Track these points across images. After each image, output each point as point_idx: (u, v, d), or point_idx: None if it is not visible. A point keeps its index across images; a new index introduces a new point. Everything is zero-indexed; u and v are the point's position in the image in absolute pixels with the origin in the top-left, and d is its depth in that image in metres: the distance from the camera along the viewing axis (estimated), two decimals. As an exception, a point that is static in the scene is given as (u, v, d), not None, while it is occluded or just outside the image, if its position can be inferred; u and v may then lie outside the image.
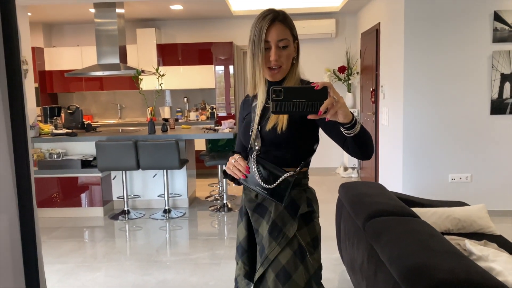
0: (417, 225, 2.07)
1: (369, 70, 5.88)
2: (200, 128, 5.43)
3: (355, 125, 1.29)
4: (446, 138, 4.38)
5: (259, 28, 1.46)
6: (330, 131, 1.44)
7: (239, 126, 1.72)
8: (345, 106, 1.22)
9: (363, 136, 1.35)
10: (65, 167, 4.76)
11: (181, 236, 4.37)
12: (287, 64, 1.51)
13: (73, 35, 7.19)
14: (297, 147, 1.53)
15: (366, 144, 1.38)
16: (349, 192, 2.80)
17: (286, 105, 1.19)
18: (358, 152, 1.41)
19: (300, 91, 1.20)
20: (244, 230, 1.64)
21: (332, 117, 1.21)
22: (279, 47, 1.47)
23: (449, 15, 4.24)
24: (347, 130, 1.30)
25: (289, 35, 1.50)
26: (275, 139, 1.51)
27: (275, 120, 1.50)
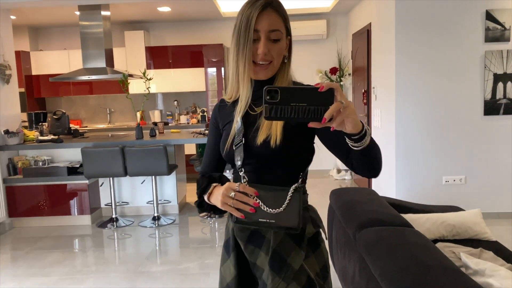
0: (410, 236, 1.98)
1: (360, 71, 5.80)
2: (190, 132, 5.33)
3: (364, 136, 1.05)
4: (439, 139, 4.30)
5: (248, 14, 1.20)
6: (331, 142, 1.22)
7: (211, 138, 1.43)
8: (354, 113, 0.99)
9: (373, 150, 1.12)
10: (50, 175, 4.64)
11: (170, 244, 4.26)
12: (277, 61, 1.25)
13: (60, 39, 7.05)
14: (294, 163, 1.28)
15: (376, 159, 1.15)
16: (340, 199, 2.70)
17: (282, 110, 0.96)
18: (365, 168, 1.17)
19: (301, 93, 0.97)
20: (233, 269, 1.34)
21: (339, 126, 0.98)
22: (270, 39, 1.22)
23: (440, 14, 4.17)
24: (354, 143, 1.07)
25: (282, 27, 1.25)
26: (267, 155, 1.23)
27: (267, 131, 1.23)
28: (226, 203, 1.18)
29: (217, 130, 1.40)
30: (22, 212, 4.73)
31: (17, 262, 3.81)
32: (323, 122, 0.96)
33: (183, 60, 6.75)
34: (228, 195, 1.18)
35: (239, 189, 1.17)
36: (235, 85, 1.31)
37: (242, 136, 1.27)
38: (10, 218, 4.72)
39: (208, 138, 1.46)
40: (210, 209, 1.32)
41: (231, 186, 1.19)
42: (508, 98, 4.20)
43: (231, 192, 1.18)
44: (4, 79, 4.66)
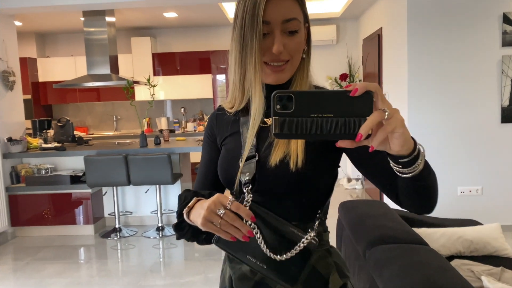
0: (425, 255, 1.82)
1: (371, 77, 5.65)
2: (196, 140, 5.21)
3: (417, 158, 0.76)
4: (454, 148, 4.12)
5: (254, 1, 0.89)
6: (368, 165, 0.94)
7: (205, 155, 1.13)
8: (403, 126, 0.70)
9: (428, 178, 0.82)
10: (53, 183, 4.55)
11: (174, 256, 4.14)
12: (295, 59, 0.95)
13: (67, 45, 7.02)
14: (315, 190, 0.97)
15: (431, 190, 0.85)
16: (349, 212, 2.55)
17: (299, 124, 0.69)
18: (416, 202, 0.88)
19: (325, 99, 0.69)
20: None
21: (381, 144, 0.70)
22: (285, 32, 0.92)
23: (454, 18, 4.00)
24: (402, 168, 0.77)
25: (300, 13, 0.94)
26: (283, 180, 0.93)
27: (285, 149, 0.93)
28: (210, 220, 0.84)
29: (214, 144, 1.10)
30: (25, 221, 4.65)
31: (17, 273, 3.72)
32: (358, 140, 0.67)
33: (190, 67, 6.66)
34: (215, 212, 0.84)
35: (230, 206, 0.85)
36: (238, 94, 1.00)
37: (255, 151, 0.97)
38: (12, 227, 4.64)
39: (202, 154, 1.14)
40: (192, 234, 0.99)
41: (221, 200, 0.85)
42: (527, 105, 4.01)
43: (220, 209, 0.84)
44: (8, 86, 4.60)
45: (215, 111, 1.12)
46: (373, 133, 0.68)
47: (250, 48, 0.91)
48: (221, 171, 1.04)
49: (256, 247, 0.89)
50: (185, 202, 0.96)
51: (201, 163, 1.14)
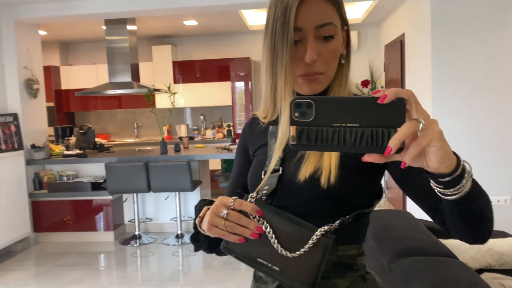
0: (454, 269, 1.74)
1: (394, 84, 5.55)
2: (215, 147, 5.20)
3: (462, 178, 0.66)
4: (481, 156, 3.99)
5: (284, 5, 0.81)
6: (410, 184, 0.85)
7: (236, 166, 1.08)
8: (442, 139, 0.62)
9: (476, 201, 0.72)
10: (75, 190, 4.59)
11: (193, 264, 4.11)
12: (330, 68, 0.87)
13: (89, 53, 7.15)
14: (346, 210, 0.85)
15: (481, 214, 0.75)
16: (373, 223, 2.46)
17: (319, 134, 0.61)
18: (464, 227, 0.76)
19: (350, 106, 0.61)
20: None
21: (415, 160, 0.62)
22: (319, 39, 0.84)
23: (481, 21, 3.89)
24: (444, 188, 0.67)
25: (336, 17, 0.85)
26: (314, 197, 0.85)
27: (316, 163, 0.86)
28: (214, 225, 0.79)
29: (246, 155, 1.04)
30: (47, 227, 4.70)
31: (39, 279, 3.75)
32: (387, 154, 0.58)
33: (210, 74, 6.67)
34: (218, 214, 0.78)
35: (233, 205, 0.78)
36: (270, 105, 0.92)
37: (279, 165, 0.89)
38: (35, 233, 4.70)
39: (234, 164, 1.10)
40: (208, 245, 0.94)
41: (223, 201, 0.79)
42: (558, 112, 3.86)
43: (223, 210, 0.78)
44: (32, 93, 4.69)
45: (249, 121, 1.07)
46: (406, 147, 0.60)
47: (280, 58, 0.83)
48: (248, 184, 0.98)
49: (266, 247, 0.80)
50: (199, 212, 0.91)
51: (231, 175, 1.09)
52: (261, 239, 0.79)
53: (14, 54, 4.48)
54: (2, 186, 4.16)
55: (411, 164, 0.61)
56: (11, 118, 4.45)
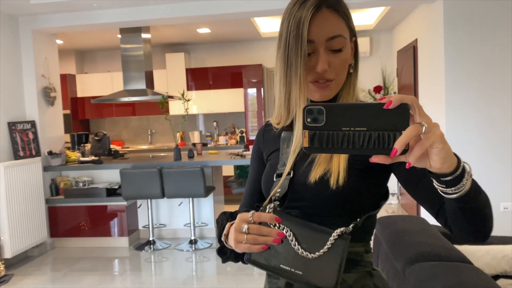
0: (469, 274, 1.73)
1: (407, 89, 5.53)
2: (228, 154, 5.23)
3: (462, 178, 0.71)
4: (497, 162, 3.95)
5: (297, 20, 0.88)
6: (415, 185, 0.89)
7: (252, 171, 1.13)
8: (443, 141, 0.66)
9: (476, 199, 0.76)
10: (90, 196, 4.66)
11: (207, 269, 4.13)
12: (340, 76, 0.94)
13: (104, 62, 7.27)
14: (354, 211, 0.91)
15: (481, 212, 0.79)
16: (387, 228, 2.47)
17: (330, 138, 0.66)
18: (465, 226, 0.81)
19: (357, 112, 0.66)
20: None
21: (419, 161, 0.67)
22: (330, 51, 0.91)
23: (493, 29, 3.88)
24: (446, 187, 0.72)
25: (345, 30, 0.92)
26: (323, 198, 0.91)
27: (326, 165, 0.91)
28: (239, 241, 0.84)
29: (261, 160, 1.10)
30: (63, 233, 4.77)
31: (55, 284, 3.81)
32: (393, 155, 0.64)
33: (222, 81, 6.73)
34: (240, 231, 0.84)
35: (253, 219, 0.84)
36: (284, 112, 0.97)
37: (291, 169, 0.95)
38: (51, 238, 4.77)
39: (250, 170, 1.16)
40: (235, 256, 0.98)
41: (242, 217, 0.85)
42: None
43: (244, 226, 0.84)
44: (49, 101, 4.79)
45: (262, 127, 1.13)
46: (410, 148, 0.65)
47: (295, 68, 0.89)
48: (262, 187, 1.04)
49: (287, 253, 0.84)
50: (222, 226, 0.97)
51: (248, 178, 1.15)
52: (282, 246, 0.84)
53: (32, 63, 4.59)
54: (20, 192, 4.24)
55: (415, 164, 0.67)
56: (29, 125, 4.55)
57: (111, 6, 4.27)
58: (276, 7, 4.24)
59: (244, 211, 0.89)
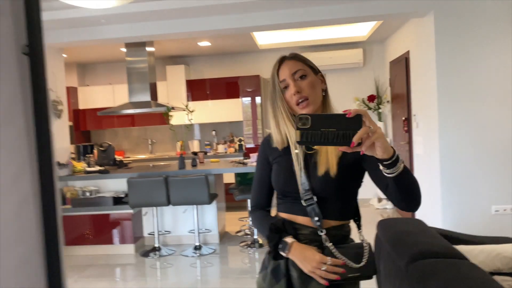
0: (467, 269, 1.92)
1: (400, 99, 5.76)
2: (229, 162, 5.40)
3: (396, 162, 1.11)
4: (487, 166, 4.17)
5: (273, 74, 1.41)
6: (375, 173, 1.30)
7: (260, 171, 1.53)
8: (383, 138, 1.05)
9: (407, 179, 1.17)
10: (97, 204, 4.80)
11: (211, 274, 4.28)
12: (313, 95, 1.37)
13: (106, 74, 7.41)
14: (346, 192, 1.41)
15: (410, 189, 1.20)
16: (388, 230, 2.66)
17: (313, 135, 1.03)
18: (400, 199, 1.23)
19: (330, 119, 1.05)
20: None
21: (368, 150, 1.05)
22: (296, 79, 1.36)
23: (482, 41, 4.12)
24: (387, 169, 1.12)
25: (304, 66, 1.39)
26: (328, 183, 1.35)
27: (326, 165, 1.35)
28: (315, 273, 1.30)
29: (267, 162, 1.50)
30: (71, 241, 4.89)
31: (66, 291, 3.92)
32: (352, 146, 1.02)
33: (220, 92, 6.92)
34: (319, 268, 1.30)
35: (330, 263, 1.30)
36: (278, 137, 1.42)
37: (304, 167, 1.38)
38: (58, 247, 4.88)
39: (257, 171, 1.55)
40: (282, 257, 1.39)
41: (322, 260, 1.30)
42: (558, 124, 4.05)
43: (323, 266, 1.30)
44: (57, 114, 4.93)
45: (266, 137, 1.53)
46: (362, 142, 1.03)
47: (277, 102, 1.39)
48: (274, 181, 1.47)
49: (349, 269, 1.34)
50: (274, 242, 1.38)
51: (256, 177, 1.55)
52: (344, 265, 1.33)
53: (40, 76, 4.73)
54: (30, 202, 4.36)
55: (366, 152, 1.06)
56: (37, 137, 4.68)
57: (118, 21, 4.44)
58: (275, 22, 4.43)
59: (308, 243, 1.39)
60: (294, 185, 1.39)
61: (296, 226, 1.40)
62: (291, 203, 1.43)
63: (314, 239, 1.38)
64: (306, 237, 1.39)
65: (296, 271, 1.38)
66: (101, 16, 4.13)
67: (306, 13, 4.36)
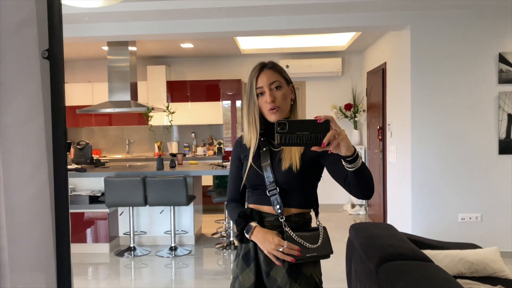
0: (431, 271, 2.04)
1: (375, 108, 5.94)
2: (208, 164, 5.45)
3: (357, 158, 1.32)
4: (455, 177, 4.36)
5: (251, 79, 1.58)
6: (333, 168, 1.49)
7: (234, 169, 1.74)
8: (346, 139, 1.26)
9: (364, 172, 1.38)
10: (73, 203, 4.76)
11: (186, 275, 4.31)
12: (284, 105, 1.57)
13: (85, 72, 7.35)
14: (306, 184, 1.59)
15: (367, 180, 1.41)
16: (360, 233, 2.77)
17: (290, 137, 1.22)
18: (359, 189, 1.42)
19: (304, 124, 1.24)
20: (252, 276, 1.60)
21: (335, 149, 1.25)
22: (272, 89, 1.55)
23: (455, 56, 4.32)
24: (349, 164, 1.32)
25: (280, 78, 1.58)
26: (291, 177, 1.54)
27: (289, 161, 1.54)
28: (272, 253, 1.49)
29: (239, 161, 1.71)
30: (43, 239, 4.82)
31: (38, 288, 3.88)
32: (322, 146, 1.23)
33: (201, 94, 6.96)
34: (276, 249, 1.48)
35: (286, 246, 1.48)
36: (249, 134, 1.62)
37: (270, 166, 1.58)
38: (30, 244, 4.82)
39: (231, 169, 1.76)
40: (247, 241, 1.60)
41: (279, 243, 1.49)
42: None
43: (280, 248, 1.48)
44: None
45: (238, 138, 1.75)
46: (331, 142, 1.23)
47: (252, 104, 1.58)
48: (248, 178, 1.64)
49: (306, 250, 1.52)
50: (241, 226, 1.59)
51: (231, 174, 1.76)
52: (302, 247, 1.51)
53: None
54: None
55: (333, 151, 1.26)
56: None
57: (102, 20, 4.45)
58: (258, 28, 4.53)
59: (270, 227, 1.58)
60: (262, 179, 1.59)
61: (263, 214, 1.60)
62: (259, 195, 1.62)
63: (277, 225, 1.57)
64: (271, 223, 1.58)
65: (262, 254, 1.57)
66: (85, 14, 4.13)
67: (289, 21, 4.48)
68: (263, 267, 1.59)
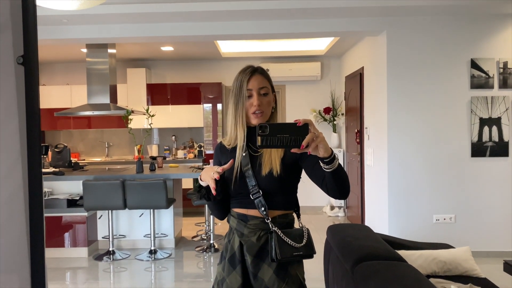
0: (404, 270, 2.10)
1: (353, 112, 6.04)
2: (188, 167, 5.45)
3: (334, 160, 1.38)
4: (430, 179, 4.48)
5: (241, 79, 1.62)
6: (311, 170, 1.55)
7: None
8: (324, 141, 1.32)
9: (341, 172, 1.44)
10: (50, 207, 4.69)
11: (166, 278, 4.30)
12: (267, 110, 1.64)
13: (63, 74, 7.25)
14: (287, 187, 1.62)
15: (343, 180, 1.46)
16: (337, 234, 2.83)
17: (271, 140, 1.27)
18: (336, 189, 1.47)
19: (284, 127, 1.30)
20: (239, 278, 1.63)
21: (313, 150, 1.31)
22: (261, 94, 1.61)
23: (429, 62, 4.45)
24: (326, 165, 1.38)
25: (268, 85, 1.65)
26: (271, 181, 1.58)
27: (270, 165, 1.59)
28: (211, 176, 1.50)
29: (221, 164, 1.71)
30: (19, 244, 4.74)
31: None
32: (302, 148, 1.29)
33: (181, 97, 6.95)
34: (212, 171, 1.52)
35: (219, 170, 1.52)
36: (233, 134, 1.66)
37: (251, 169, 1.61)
38: (6, 249, 4.73)
39: None
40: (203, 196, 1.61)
41: (214, 169, 1.52)
42: (493, 141, 4.43)
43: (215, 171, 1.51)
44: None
45: (219, 144, 1.78)
46: (309, 144, 1.29)
47: (242, 105, 1.61)
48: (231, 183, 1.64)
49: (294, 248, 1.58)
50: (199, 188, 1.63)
51: None
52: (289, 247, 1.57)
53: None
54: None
55: (312, 153, 1.32)
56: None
57: (80, 22, 4.42)
58: (238, 32, 4.58)
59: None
60: (244, 183, 1.62)
61: (248, 218, 1.63)
62: (242, 199, 1.64)
63: (263, 227, 1.61)
64: (257, 226, 1.62)
65: (250, 256, 1.60)
66: (63, 16, 4.10)
67: (269, 25, 4.53)
68: (250, 269, 1.62)
